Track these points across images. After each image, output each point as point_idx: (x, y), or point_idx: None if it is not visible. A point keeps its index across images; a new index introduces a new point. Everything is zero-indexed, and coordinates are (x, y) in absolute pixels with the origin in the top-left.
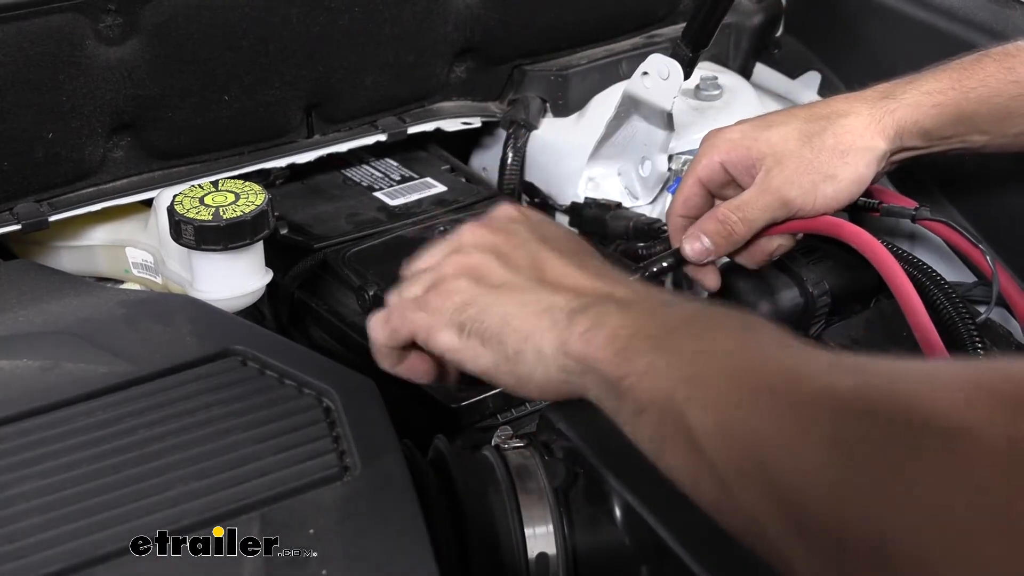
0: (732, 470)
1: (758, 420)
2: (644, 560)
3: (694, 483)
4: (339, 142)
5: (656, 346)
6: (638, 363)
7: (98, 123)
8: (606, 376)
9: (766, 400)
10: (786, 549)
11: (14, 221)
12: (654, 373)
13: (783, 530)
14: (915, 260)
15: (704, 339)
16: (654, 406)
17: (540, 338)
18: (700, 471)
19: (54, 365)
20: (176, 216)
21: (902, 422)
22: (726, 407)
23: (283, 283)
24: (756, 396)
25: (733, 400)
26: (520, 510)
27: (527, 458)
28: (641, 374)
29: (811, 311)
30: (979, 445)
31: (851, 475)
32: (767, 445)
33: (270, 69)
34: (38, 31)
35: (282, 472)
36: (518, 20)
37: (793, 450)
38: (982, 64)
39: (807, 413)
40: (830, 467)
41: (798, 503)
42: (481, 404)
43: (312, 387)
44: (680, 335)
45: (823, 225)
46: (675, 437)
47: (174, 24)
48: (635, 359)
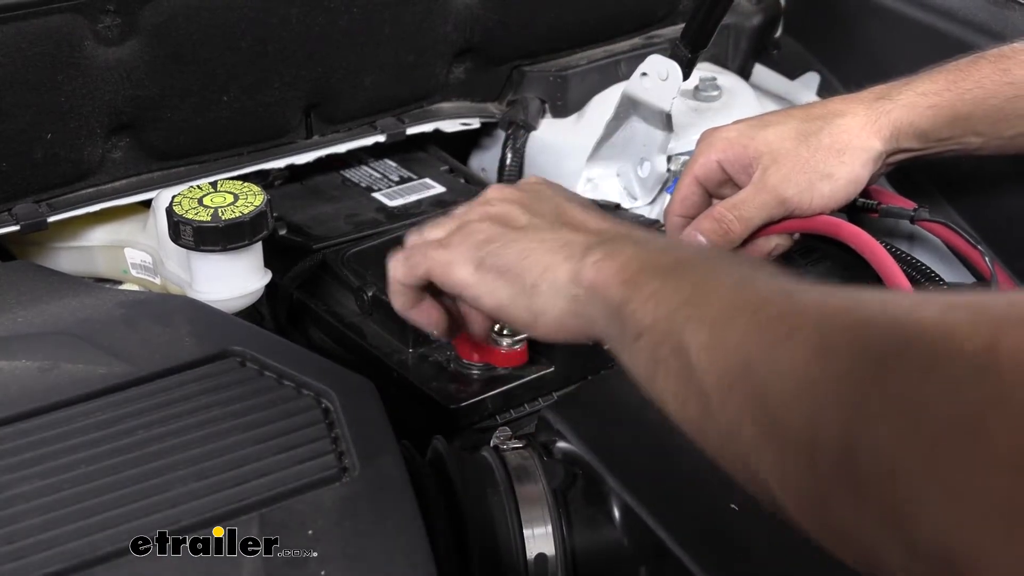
0: (718, 385)
1: (747, 330)
2: (642, 561)
3: (681, 404)
4: (338, 143)
5: (663, 276)
6: (643, 290)
7: (97, 124)
8: (611, 302)
9: (758, 313)
10: (756, 453)
11: (13, 222)
12: (657, 298)
13: (757, 433)
14: (914, 261)
15: (710, 271)
16: (654, 329)
17: (556, 269)
18: (688, 390)
19: (53, 366)
20: (175, 217)
21: (886, 333)
22: (721, 323)
23: (282, 284)
24: (750, 311)
25: (727, 316)
26: (519, 511)
27: (526, 459)
28: (644, 299)
29: None
30: (957, 353)
31: (829, 379)
32: (753, 350)
33: (269, 69)
34: (37, 32)
35: (281, 473)
36: (517, 21)
37: (776, 353)
38: (978, 66)
39: (795, 321)
40: (809, 369)
41: (775, 403)
42: (480, 405)
43: (311, 388)
44: (687, 267)
45: (821, 224)
46: (669, 359)
47: (173, 24)
48: (641, 286)
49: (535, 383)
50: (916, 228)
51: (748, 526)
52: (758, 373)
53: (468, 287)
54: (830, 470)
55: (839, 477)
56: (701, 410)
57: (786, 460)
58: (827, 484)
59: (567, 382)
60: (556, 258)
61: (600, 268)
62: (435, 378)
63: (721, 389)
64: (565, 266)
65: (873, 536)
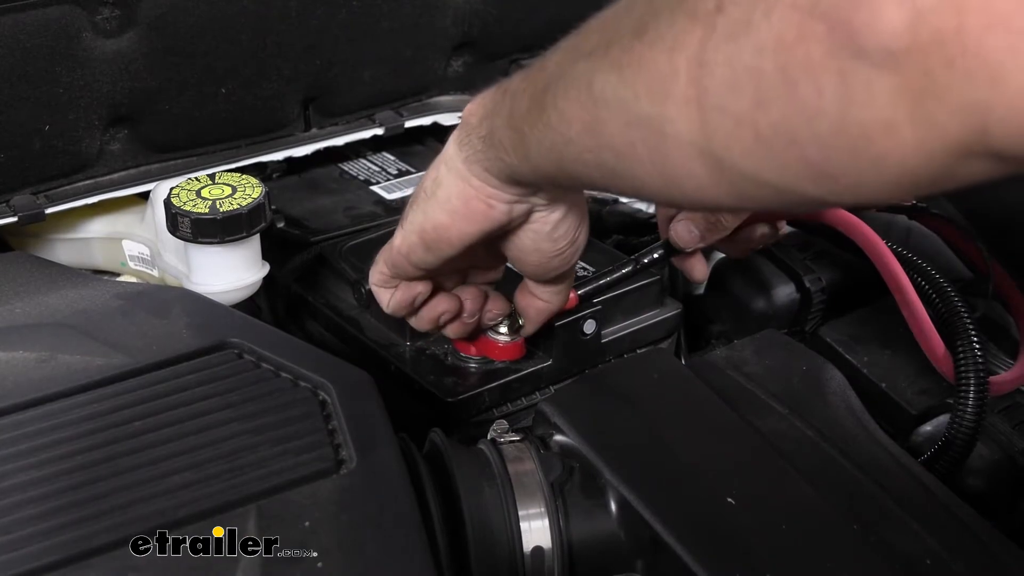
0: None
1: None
2: (639, 554)
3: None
4: (336, 136)
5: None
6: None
7: (95, 116)
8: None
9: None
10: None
11: (11, 213)
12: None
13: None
14: (911, 255)
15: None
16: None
17: (438, 165)
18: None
19: (50, 357)
20: (173, 209)
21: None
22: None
23: (280, 276)
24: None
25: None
26: (516, 504)
27: (523, 452)
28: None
29: (807, 306)
30: None
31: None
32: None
33: (268, 63)
34: (35, 24)
35: (278, 465)
36: (516, 15)
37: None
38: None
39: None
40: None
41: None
42: (477, 398)
43: (308, 380)
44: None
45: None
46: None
47: (171, 17)
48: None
49: (532, 376)
50: (913, 223)
51: (744, 519)
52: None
53: (395, 245)
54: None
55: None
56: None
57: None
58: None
59: (564, 375)
60: (435, 166)
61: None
62: (432, 371)
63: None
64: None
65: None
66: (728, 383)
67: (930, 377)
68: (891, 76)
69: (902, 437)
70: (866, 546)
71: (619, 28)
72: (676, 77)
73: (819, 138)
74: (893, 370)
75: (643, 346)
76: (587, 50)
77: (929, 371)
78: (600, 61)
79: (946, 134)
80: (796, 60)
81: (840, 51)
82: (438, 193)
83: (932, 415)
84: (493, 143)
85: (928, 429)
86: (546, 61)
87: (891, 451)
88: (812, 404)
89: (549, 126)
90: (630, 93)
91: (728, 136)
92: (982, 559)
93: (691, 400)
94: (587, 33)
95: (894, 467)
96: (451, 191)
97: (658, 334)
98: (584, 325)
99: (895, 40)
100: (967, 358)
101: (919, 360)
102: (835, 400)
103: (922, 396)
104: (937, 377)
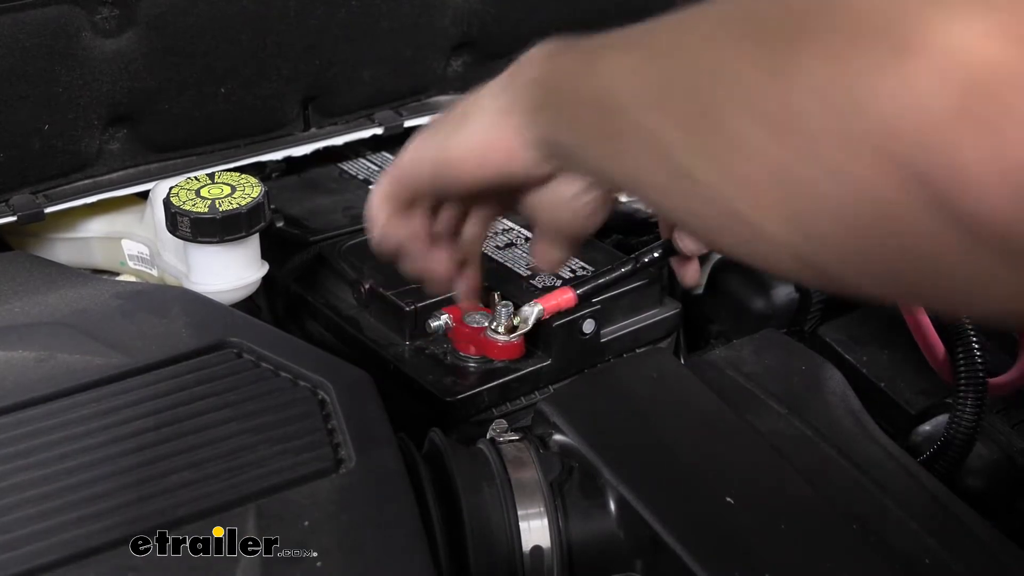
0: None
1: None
2: (638, 554)
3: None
4: (336, 135)
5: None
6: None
7: (94, 115)
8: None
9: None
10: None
11: (10, 213)
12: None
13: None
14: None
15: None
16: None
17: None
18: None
19: (49, 356)
20: (172, 208)
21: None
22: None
23: (279, 276)
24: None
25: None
26: (515, 503)
27: (522, 451)
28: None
29: (807, 306)
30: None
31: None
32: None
33: (267, 62)
34: (34, 23)
35: (277, 464)
36: (515, 15)
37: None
38: None
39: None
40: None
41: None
42: (477, 398)
43: (307, 380)
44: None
45: None
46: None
47: (171, 16)
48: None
49: (532, 376)
50: None
51: (743, 519)
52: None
53: (402, 161)
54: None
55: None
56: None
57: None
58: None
59: (563, 375)
60: (467, 101)
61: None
62: (432, 371)
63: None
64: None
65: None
66: (727, 383)
67: (929, 377)
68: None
69: (901, 437)
70: (866, 546)
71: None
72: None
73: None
74: (892, 369)
75: (642, 346)
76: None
77: (928, 371)
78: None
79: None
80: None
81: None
82: (463, 129)
83: (931, 415)
84: (548, 112)
85: (927, 429)
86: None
87: (890, 451)
88: (811, 404)
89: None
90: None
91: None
92: (981, 559)
93: (690, 400)
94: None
95: (893, 467)
96: (476, 131)
97: (657, 334)
98: (583, 325)
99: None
100: (966, 357)
101: (918, 360)
102: (834, 400)
103: (921, 396)
104: (936, 377)
